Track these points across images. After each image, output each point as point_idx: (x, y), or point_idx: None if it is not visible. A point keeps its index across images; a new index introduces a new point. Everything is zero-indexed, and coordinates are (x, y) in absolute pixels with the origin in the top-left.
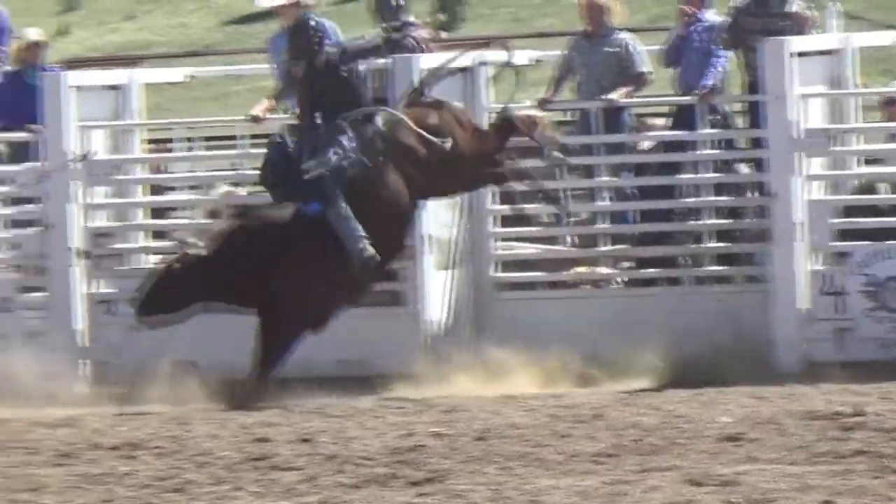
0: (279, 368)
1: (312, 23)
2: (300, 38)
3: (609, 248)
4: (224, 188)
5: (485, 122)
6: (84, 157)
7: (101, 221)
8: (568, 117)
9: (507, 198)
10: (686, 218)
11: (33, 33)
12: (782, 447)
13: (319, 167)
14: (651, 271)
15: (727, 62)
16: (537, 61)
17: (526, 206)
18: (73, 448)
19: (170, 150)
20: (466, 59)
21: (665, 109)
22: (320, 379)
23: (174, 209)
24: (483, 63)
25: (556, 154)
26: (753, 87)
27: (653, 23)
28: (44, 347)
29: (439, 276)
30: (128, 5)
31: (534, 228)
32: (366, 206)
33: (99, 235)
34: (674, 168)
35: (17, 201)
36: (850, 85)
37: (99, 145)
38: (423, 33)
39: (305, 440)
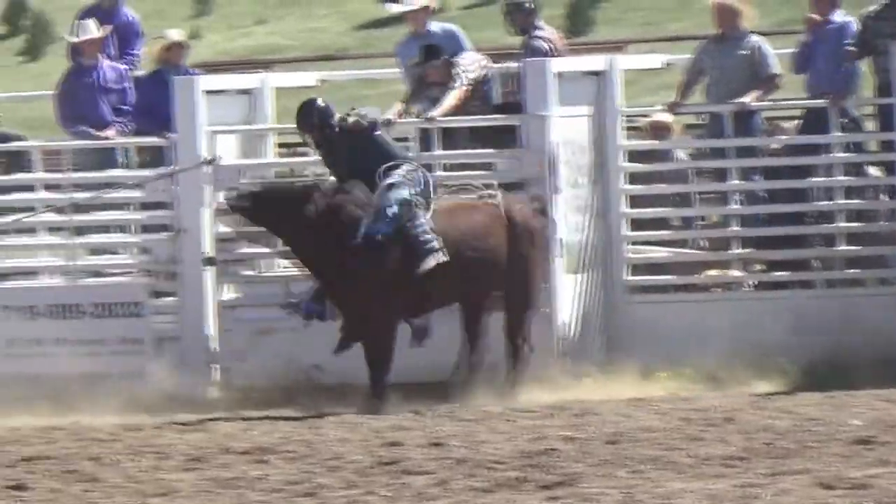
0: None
1: (320, 103)
2: (308, 118)
3: (740, 251)
4: None
5: (618, 125)
6: (211, 162)
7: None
8: (699, 121)
9: (638, 201)
10: (817, 221)
11: (175, 34)
12: None
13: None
14: (782, 274)
15: (858, 66)
16: (668, 65)
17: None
18: (205, 452)
19: (302, 155)
20: (599, 62)
21: (796, 113)
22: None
23: None
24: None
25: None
26: (884, 89)
27: (781, 26)
28: (175, 352)
29: (570, 280)
30: (259, 9)
31: (665, 232)
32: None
33: (225, 241)
34: (805, 171)
35: (147, 206)
36: None
37: (230, 150)
38: (554, 37)
39: (437, 444)
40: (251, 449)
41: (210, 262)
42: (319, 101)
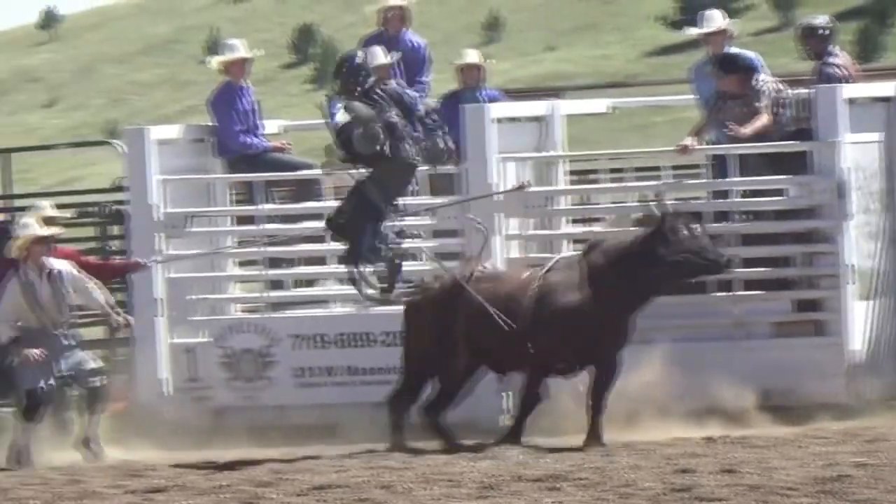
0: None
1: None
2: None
3: None
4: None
5: None
6: (521, 188)
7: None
8: None
9: None
10: None
11: (472, 55)
12: None
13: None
14: None
15: None
16: None
17: None
18: (497, 480)
19: (594, 182)
20: (890, 88)
21: None
22: (744, 409)
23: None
24: None
25: None
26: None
27: None
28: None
29: (862, 306)
30: (549, 36)
31: None
32: None
33: None
34: None
35: (440, 234)
36: None
37: (520, 176)
38: (848, 63)
39: (728, 471)
40: (543, 476)
41: None
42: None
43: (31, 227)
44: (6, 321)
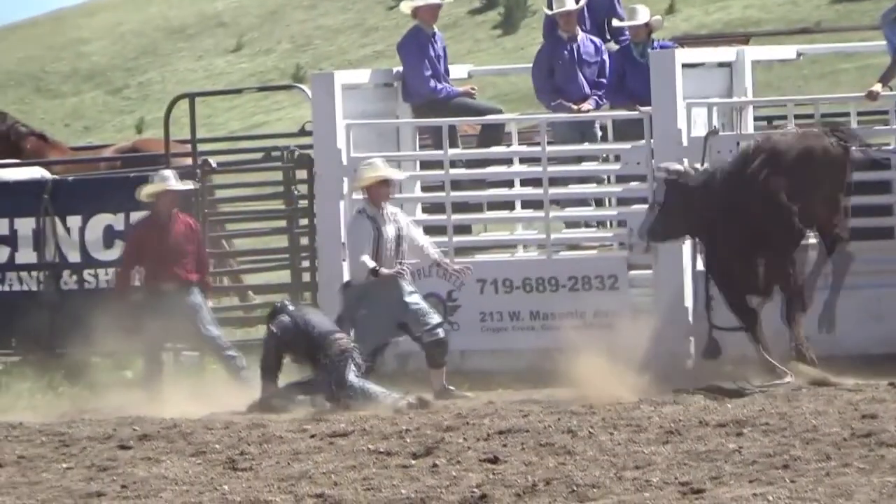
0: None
1: None
2: None
3: None
4: None
5: None
6: (714, 133)
7: None
8: None
9: None
10: None
11: (643, 13)
12: None
13: None
14: None
15: None
16: None
17: None
18: (680, 425)
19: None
20: None
21: None
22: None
23: None
24: None
25: None
26: None
27: None
28: (651, 325)
29: None
30: None
31: None
32: None
33: None
34: None
35: (624, 179)
36: None
37: (708, 122)
38: None
39: None
40: (727, 422)
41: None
42: None
43: (379, 168)
44: (364, 252)
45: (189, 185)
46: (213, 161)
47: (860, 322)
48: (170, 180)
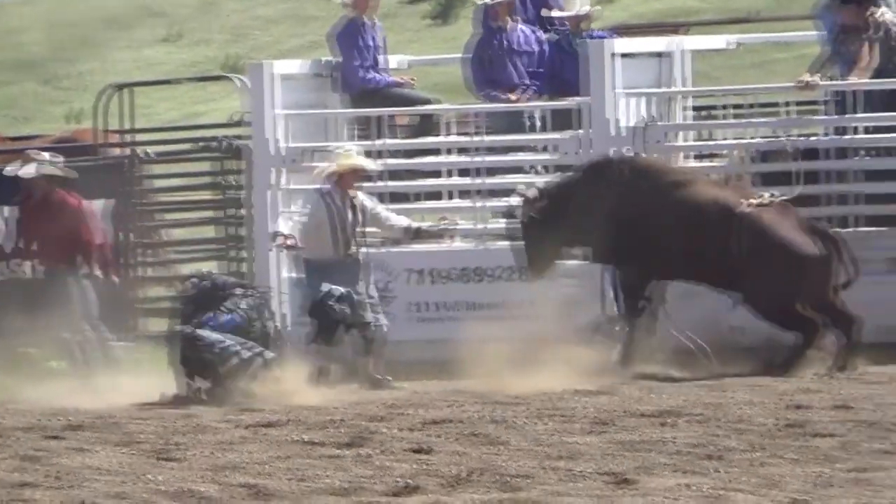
0: None
1: None
2: None
3: None
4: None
5: None
6: (646, 125)
7: None
8: None
9: None
10: None
11: (580, 3)
12: None
13: None
14: None
15: None
16: None
17: None
18: (611, 415)
19: (714, 118)
20: None
21: None
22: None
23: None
24: None
25: None
26: None
27: None
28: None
29: None
30: None
31: None
32: None
33: None
34: None
35: (559, 168)
36: None
37: (640, 113)
38: None
39: (843, 407)
40: (657, 412)
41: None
42: None
43: (354, 156)
44: (308, 235)
45: (55, 169)
46: (146, 151)
47: None
48: (37, 165)
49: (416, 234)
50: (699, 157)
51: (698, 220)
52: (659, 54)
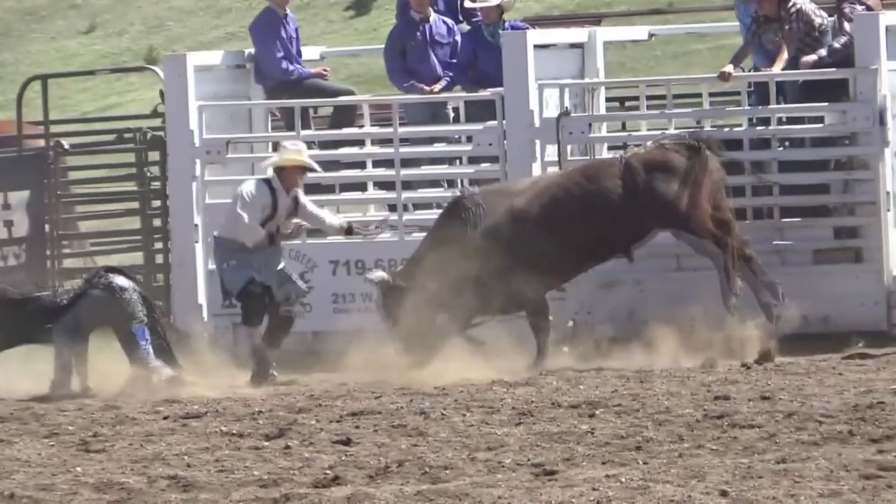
0: None
1: None
2: None
3: None
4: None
5: None
6: (566, 114)
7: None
8: None
9: None
10: None
11: None
12: None
13: None
14: None
15: None
16: None
17: None
18: (533, 407)
19: (632, 109)
20: None
21: None
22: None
23: None
24: None
25: None
26: None
27: None
28: None
29: None
30: None
31: None
32: None
33: None
34: None
35: (476, 160)
36: None
37: (559, 104)
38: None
39: (765, 398)
40: (579, 403)
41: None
42: None
43: (302, 153)
44: (253, 218)
45: None
46: (65, 143)
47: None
48: None
49: (349, 232)
50: (614, 147)
51: (588, 191)
52: (576, 45)
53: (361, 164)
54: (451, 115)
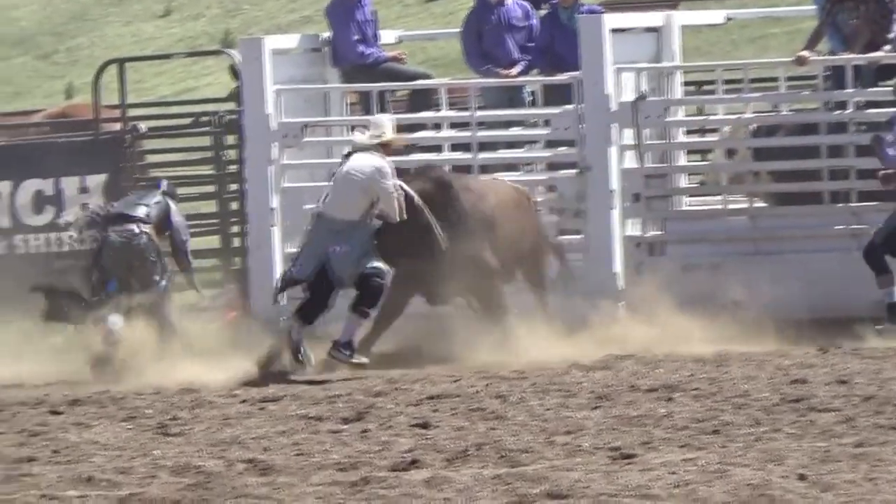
0: None
1: None
2: None
3: None
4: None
5: None
6: (642, 98)
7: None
8: None
9: None
10: None
11: None
12: None
13: None
14: None
15: None
16: None
17: None
18: (611, 390)
19: (709, 93)
20: None
21: None
22: (860, 319)
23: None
24: None
25: None
26: None
27: None
28: (582, 290)
29: None
30: None
31: None
32: None
33: (646, 177)
34: None
35: (552, 144)
36: None
37: (636, 87)
38: None
39: (843, 381)
40: (657, 387)
41: (635, 198)
42: None
43: (389, 129)
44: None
45: None
46: (142, 126)
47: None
48: None
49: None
50: (693, 132)
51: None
52: (652, 29)
53: (438, 148)
54: (528, 98)
